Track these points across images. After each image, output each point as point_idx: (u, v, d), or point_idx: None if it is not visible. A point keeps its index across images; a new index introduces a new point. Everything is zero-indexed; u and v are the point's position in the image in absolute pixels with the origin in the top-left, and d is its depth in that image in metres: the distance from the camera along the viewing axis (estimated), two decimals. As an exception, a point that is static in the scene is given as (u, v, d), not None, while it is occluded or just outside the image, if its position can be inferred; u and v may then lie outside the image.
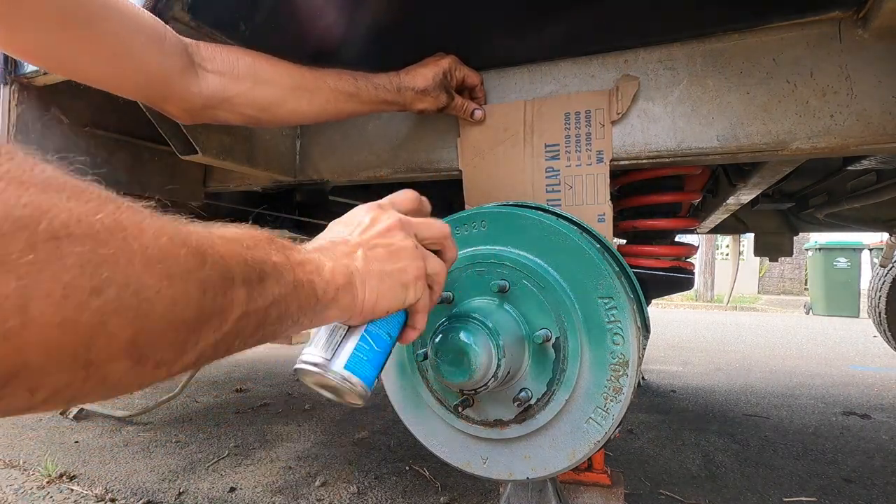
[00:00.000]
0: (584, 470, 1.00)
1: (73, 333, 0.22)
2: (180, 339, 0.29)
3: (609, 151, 0.86)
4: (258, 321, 0.35)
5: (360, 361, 0.50)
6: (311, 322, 0.43)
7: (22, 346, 0.21)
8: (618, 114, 0.85)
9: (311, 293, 0.41)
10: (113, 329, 0.24)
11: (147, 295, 0.25)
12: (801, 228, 2.15)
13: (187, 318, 0.28)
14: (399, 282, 0.50)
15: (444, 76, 0.86)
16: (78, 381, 0.24)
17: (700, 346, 4.13)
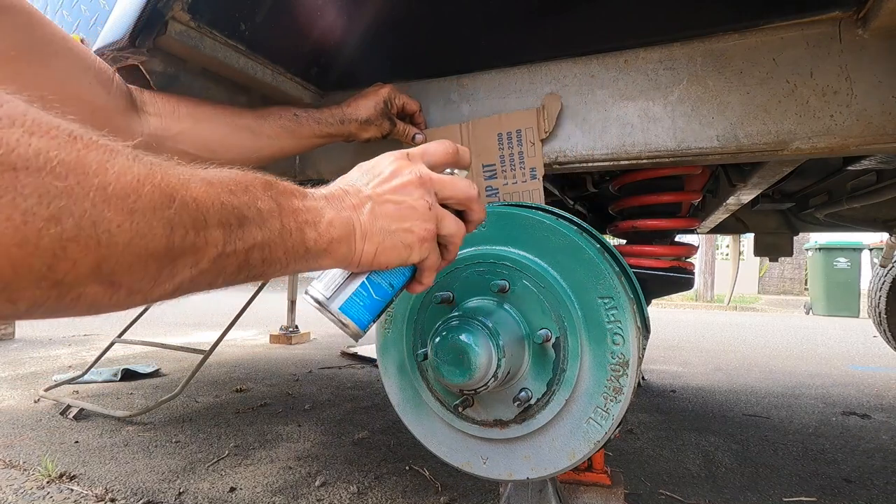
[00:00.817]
0: (584, 470, 1.00)
1: (34, 255, 0.25)
2: (151, 271, 0.31)
3: (541, 168, 0.90)
4: (239, 263, 0.37)
5: (356, 305, 0.52)
6: (304, 268, 0.45)
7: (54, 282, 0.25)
8: (545, 132, 0.88)
9: (300, 242, 0.42)
10: (73, 255, 0.27)
11: (107, 227, 0.28)
12: (801, 228, 2.15)
13: (155, 252, 0.31)
14: (402, 241, 0.50)
15: (385, 104, 0.90)
16: (52, 298, 0.27)
17: (700, 346, 4.13)
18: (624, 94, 0.85)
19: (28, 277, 0.26)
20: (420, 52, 0.96)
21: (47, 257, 0.26)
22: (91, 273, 0.28)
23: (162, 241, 0.31)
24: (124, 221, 0.29)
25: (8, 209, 0.24)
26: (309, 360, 3.04)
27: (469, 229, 0.58)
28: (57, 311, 0.29)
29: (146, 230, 0.30)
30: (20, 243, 0.25)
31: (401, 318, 0.82)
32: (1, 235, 0.24)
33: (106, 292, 0.30)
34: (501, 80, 0.93)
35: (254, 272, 0.40)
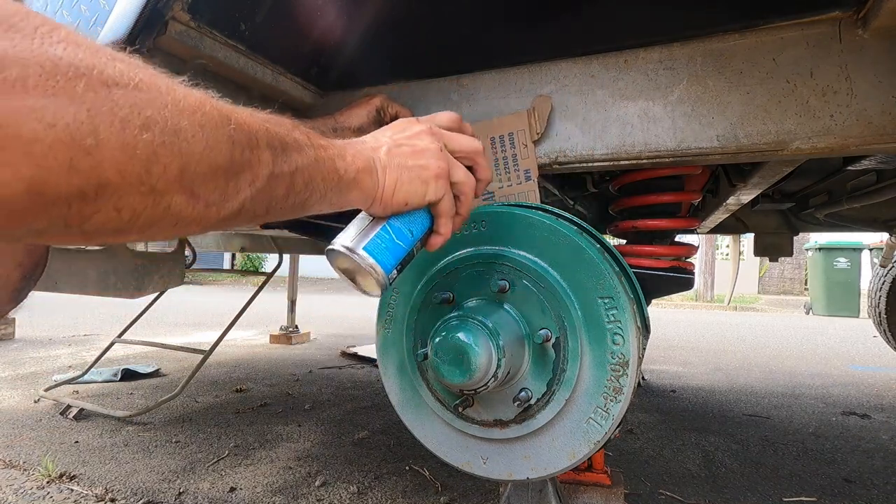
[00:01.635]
0: (584, 470, 1.00)
1: (133, 158, 0.29)
2: (220, 184, 0.36)
3: (535, 169, 0.90)
4: (287, 186, 0.42)
5: (379, 247, 0.55)
6: (337, 199, 0.49)
7: (100, 161, 0.28)
8: (537, 134, 0.88)
9: (333, 169, 0.47)
10: (163, 160, 0.31)
11: (185, 136, 0.32)
12: (801, 228, 2.15)
13: (222, 164, 0.35)
14: (418, 176, 0.54)
15: (378, 113, 0.91)
16: (149, 207, 0.31)
17: (700, 346, 4.13)
18: (624, 94, 0.85)
19: (130, 182, 0.30)
20: (420, 52, 0.96)
21: (143, 161, 0.30)
22: (176, 180, 0.32)
23: (226, 155, 0.35)
24: (197, 132, 0.33)
25: (109, 117, 0.28)
26: (309, 360, 3.04)
27: (478, 189, 0.63)
28: (151, 222, 0.32)
29: (214, 143, 0.34)
30: (122, 147, 0.29)
31: (401, 318, 0.82)
32: (106, 142, 0.28)
33: (188, 203, 0.34)
34: (501, 80, 0.93)
35: (299, 197, 0.44)
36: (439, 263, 0.79)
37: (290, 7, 0.81)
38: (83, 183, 0.28)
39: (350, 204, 0.52)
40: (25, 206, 0.27)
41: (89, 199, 0.29)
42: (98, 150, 0.28)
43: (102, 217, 0.30)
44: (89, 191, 0.28)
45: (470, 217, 0.78)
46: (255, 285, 3.46)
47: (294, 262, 3.63)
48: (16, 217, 0.27)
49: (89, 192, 0.28)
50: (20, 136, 0.25)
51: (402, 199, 0.54)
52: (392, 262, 0.56)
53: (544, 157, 0.90)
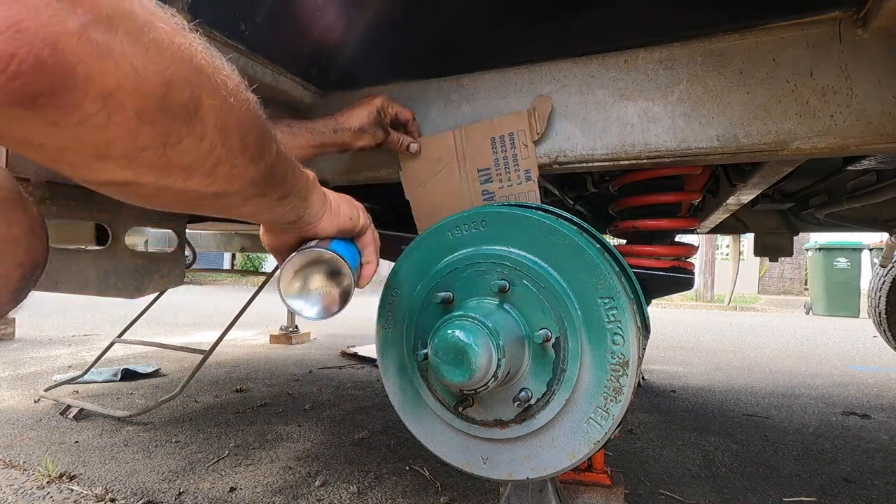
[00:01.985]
0: (584, 470, 1.00)
1: (217, 92, 0.38)
2: (261, 144, 0.45)
3: (535, 169, 0.90)
4: (283, 168, 0.50)
5: (339, 247, 0.63)
6: (305, 193, 0.57)
7: (201, 84, 0.36)
8: (537, 134, 0.88)
9: (300, 171, 0.56)
10: (238, 121, 0.41)
11: (237, 105, 0.41)
12: (801, 228, 2.15)
13: (259, 132, 0.45)
14: (352, 204, 0.68)
15: (378, 114, 0.91)
16: (217, 146, 0.39)
17: (700, 346, 4.13)
18: (624, 94, 0.85)
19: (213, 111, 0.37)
20: (420, 52, 0.96)
21: (221, 96, 0.38)
22: (236, 127, 0.41)
23: (260, 128, 0.45)
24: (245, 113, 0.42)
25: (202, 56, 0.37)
26: (309, 360, 3.04)
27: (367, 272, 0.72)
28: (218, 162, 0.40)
29: (258, 118, 0.45)
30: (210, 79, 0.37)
31: (401, 319, 0.82)
32: (203, 67, 0.36)
33: (241, 153, 0.42)
34: (501, 80, 0.93)
35: (290, 184, 0.53)
36: (439, 263, 0.79)
37: (290, 7, 0.81)
38: (190, 97, 0.34)
39: (315, 208, 0.60)
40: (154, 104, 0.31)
41: (190, 116, 0.35)
42: (199, 74, 0.36)
43: (189, 142, 0.36)
44: (192, 107, 0.35)
45: (470, 217, 0.78)
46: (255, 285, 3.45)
47: (294, 262, 3.62)
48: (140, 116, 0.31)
49: (191, 108, 0.35)
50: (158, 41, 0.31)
51: (346, 215, 0.65)
52: (352, 263, 0.63)
53: (544, 157, 0.90)
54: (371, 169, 1.07)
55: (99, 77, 0.27)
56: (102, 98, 0.28)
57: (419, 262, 0.82)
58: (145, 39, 0.30)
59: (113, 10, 0.28)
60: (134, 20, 0.30)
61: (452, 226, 0.79)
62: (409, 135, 0.97)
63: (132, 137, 0.31)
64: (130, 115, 0.30)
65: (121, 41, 0.28)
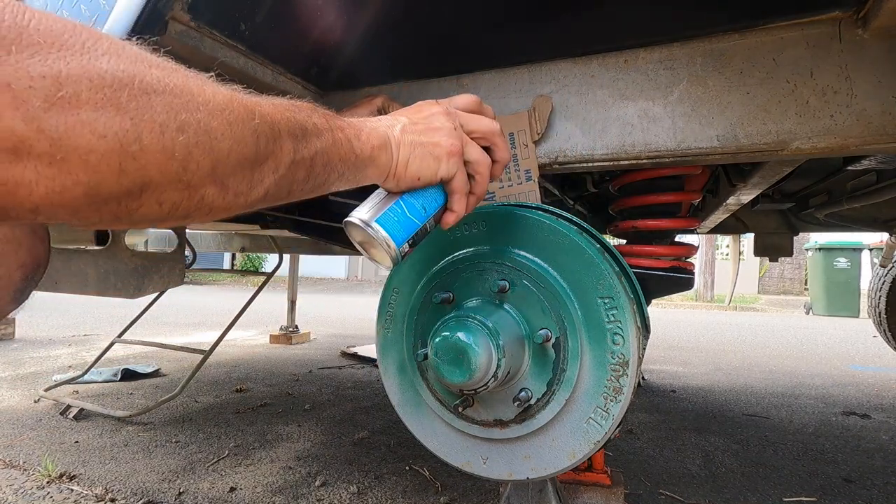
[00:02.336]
0: (584, 470, 1.00)
1: (172, 159, 0.33)
2: (247, 175, 0.39)
3: (536, 169, 0.90)
4: (307, 169, 0.45)
5: (390, 220, 0.58)
6: (354, 176, 0.52)
7: (144, 164, 0.31)
8: (538, 134, 0.87)
9: (350, 149, 0.50)
10: (197, 158, 0.34)
11: (215, 135, 0.35)
12: (801, 228, 2.15)
13: (248, 157, 0.38)
14: (431, 153, 0.57)
15: (379, 113, 0.91)
16: (185, 199, 0.35)
17: (700, 346, 4.13)
18: (624, 94, 0.85)
19: (169, 179, 0.33)
20: (420, 52, 0.96)
21: (181, 160, 0.33)
22: (209, 175, 0.35)
23: (252, 148, 0.38)
24: (226, 130, 0.36)
25: (149, 124, 0.31)
26: (309, 360, 3.04)
27: (495, 171, 0.64)
28: (188, 212, 0.36)
29: (241, 138, 0.37)
30: (162, 150, 0.32)
31: (401, 318, 0.82)
32: (148, 146, 0.31)
33: (219, 193, 0.37)
34: (501, 80, 0.93)
35: (318, 179, 0.47)
36: (439, 263, 0.79)
37: (290, 7, 0.81)
38: (130, 183, 0.32)
39: (367, 180, 0.54)
40: (83, 205, 0.31)
41: (135, 196, 0.32)
42: (142, 154, 0.31)
43: (146, 210, 0.34)
44: (135, 189, 0.32)
45: (470, 217, 0.78)
46: (255, 285, 3.46)
47: (294, 262, 3.63)
48: (75, 214, 0.31)
49: (135, 191, 0.32)
50: (78, 148, 0.29)
51: (414, 174, 0.56)
52: (404, 235, 0.59)
53: (545, 157, 0.90)
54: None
55: (15, 205, 0.28)
56: (32, 213, 0.29)
57: (419, 262, 0.82)
58: (60, 154, 0.28)
59: (17, 141, 0.27)
60: (44, 138, 0.28)
61: (453, 226, 0.79)
62: None
63: (78, 220, 0.32)
64: (66, 215, 0.31)
65: (34, 166, 0.28)
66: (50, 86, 0.27)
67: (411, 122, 0.57)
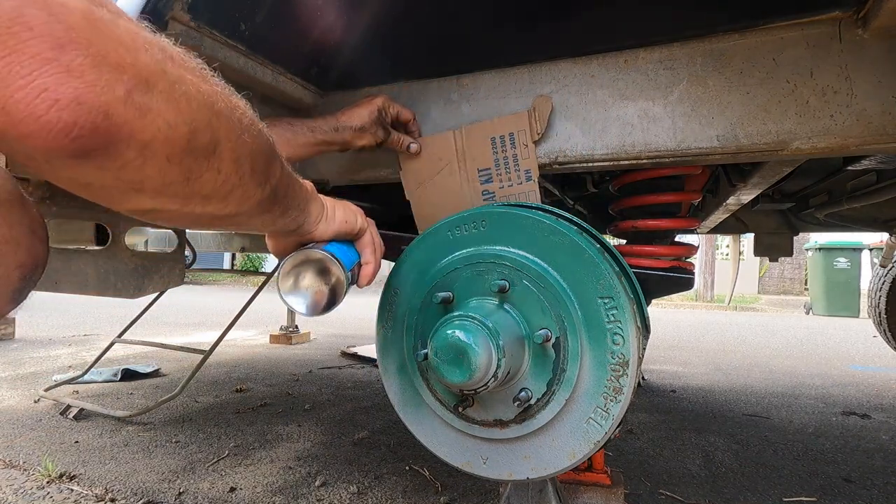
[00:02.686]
0: (584, 470, 1.00)
1: (233, 130, 0.42)
2: (267, 169, 0.50)
3: (536, 169, 0.90)
4: (286, 185, 0.55)
5: (332, 247, 0.67)
6: (307, 207, 0.63)
7: (219, 127, 0.41)
8: (538, 134, 0.87)
9: (299, 183, 0.61)
10: (244, 139, 0.44)
11: (249, 139, 0.45)
12: (801, 228, 2.15)
13: (268, 156, 0.49)
14: (349, 209, 0.71)
15: (379, 113, 0.92)
16: (233, 175, 0.44)
17: (700, 346, 4.13)
18: (624, 94, 0.85)
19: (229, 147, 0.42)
20: (420, 52, 0.96)
21: (237, 133, 0.43)
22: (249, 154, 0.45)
23: (267, 152, 0.49)
24: (255, 138, 0.46)
25: (221, 98, 0.42)
26: (309, 360, 3.04)
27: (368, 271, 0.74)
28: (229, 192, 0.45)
29: (265, 142, 0.49)
30: (228, 120, 0.42)
31: (401, 318, 0.82)
32: (221, 110, 0.41)
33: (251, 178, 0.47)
34: (501, 80, 0.93)
35: (291, 199, 0.58)
36: (439, 263, 0.79)
37: (290, 7, 0.81)
38: (211, 137, 0.40)
39: (311, 214, 0.64)
40: (181, 149, 0.37)
41: (209, 154, 0.40)
42: (219, 118, 0.40)
43: (208, 177, 0.41)
44: (211, 146, 0.40)
45: (470, 217, 0.78)
46: (255, 285, 3.46)
47: (294, 262, 3.62)
48: (173, 158, 0.37)
49: (211, 147, 0.40)
50: (186, 93, 0.37)
51: (342, 219, 0.69)
52: (347, 263, 0.66)
53: (545, 157, 0.90)
54: (371, 168, 1.07)
55: (139, 133, 0.34)
56: (140, 148, 0.34)
57: (419, 262, 0.82)
58: (176, 94, 0.36)
59: (150, 73, 0.34)
60: (167, 79, 0.35)
61: (452, 226, 0.79)
62: (410, 135, 0.97)
63: (162, 175, 0.37)
64: (161, 158, 0.36)
65: (157, 100, 0.34)
66: (164, 45, 0.37)
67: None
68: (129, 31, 0.34)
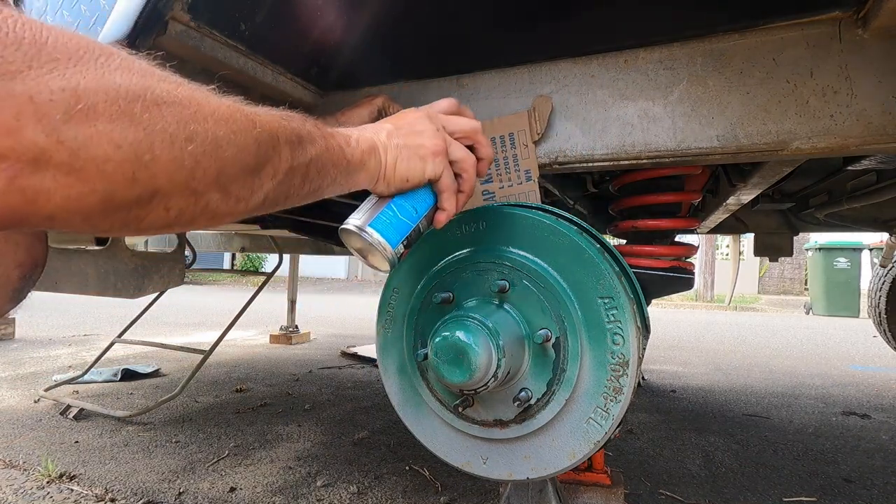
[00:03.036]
0: (584, 470, 1.00)
1: (181, 168, 0.34)
2: (249, 180, 0.41)
3: (536, 169, 0.90)
4: (303, 175, 0.47)
5: (383, 223, 0.60)
6: (346, 181, 0.54)
7: (155, 173, 0.33)
8: (538, 134, 0.88)
9: (341, 155, 0.52)
10: (204, 166, 0.36)
11: (221, 143, 0.37)
12: (801, 228, 2.15)
13: (250, 164, 0.40)
14: (417, 154, 0.60)
15: (379, 113, 0.91)
16: (191, 206, 0.37)
17: (700, 346, 4.13)
18: (624, 94, 0.85)
19: (177, 188, 0.35)
20: (420, 52, 0.96)
21: (189, 168, 0.35)
22: (214, 182, 0.37)
23: (253, 156, 0.40)
24: (231, 138, 0.38)
25: (161, 134, 0.32)
26: (309, 360, 3.04)
27: (481, 168, 0.67)
28: (193, 218, 0.37)
29: (243, 146, 0.39)
30: (172, 160, 0.33)
31: (401, 319, 0.82)
32: (160, 155, 0.33)
33: (223, 199, 0.39)
34: (501, 80, 0.93)
35: (313, 184, 0.49)
36: (439, 263, 0.79)
37: (290, 7, 0.81)
38: (142, 190, 0.33)
39: (358, 185, 0.56)
40: (96, 213, 0.32)
41: (144, 204, 0.34)
42: (154, 163, 0.33)
43: (154, 217, 0.35)
44: (145, 197, 0.33)
45: (470, 217, 0.78)
46: (255, 285, 3.46)
47: (294, 262, 3.63)
48: (87, 221, 0.32)
49: (145, 198, 0.33)
50: (95, 158, 0.30)
51: (402, 175, 0.59)
52: (398, 237, 0.61)
53: (545, 157, 0.90)
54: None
55: (34, 214, 0.30)
56: (46, 220, 0.31)
57: (419, 262, 0.82)
58: (79, 163, 0.30)
59: (39, 151, 0.28)
60: (66, 148, 0.29)
61: (452, 226, 0.79)
62: None
63: (92, 228, 0.34)
64: (78, 221, 0.32)
65: (51, 177, 0.29)
66: (69, 98, 0.29)
67: (395, 127, 0.60)
68: (17, 105, 0.27)
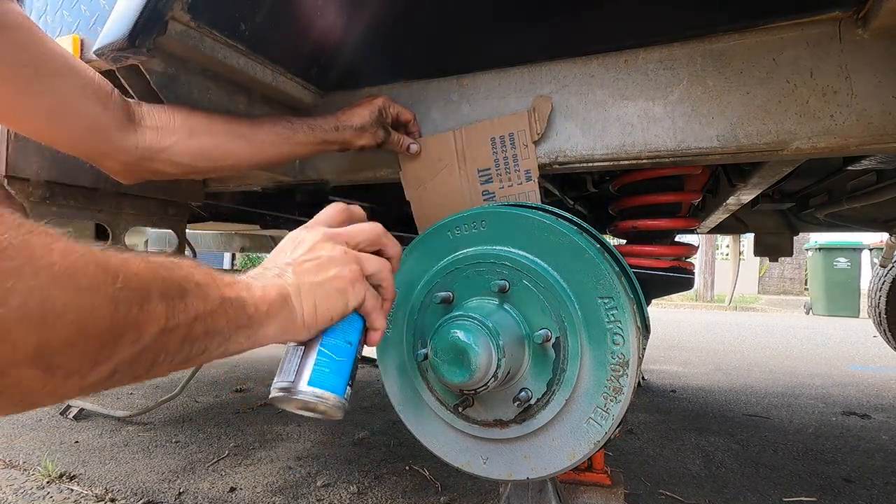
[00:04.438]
0: (584, 470, 0.99)
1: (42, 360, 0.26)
2: (91, 350, 0.31)
3: (535, 169, 0.90)
4: (182, 335, 0.38)
5: (324, 374, 0.52)
6: (249, 340, 0.46)
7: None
8: (538, 134, 0.88)
9: (241, 309, 0.44)
10: (17, 336, 0.27)
11: (53, 305, 0.28)
12: (801, 228, 2.15)
13: (99, 329, 0.31)
14: (334, 288, 0.53)
15: (380, 113, 0.91)
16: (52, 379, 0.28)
17: (700, 346, 4.13)
18: (624, 94, 0.85)
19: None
20: (420, 52, 0.96)
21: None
22: (32, 355, 0.28)
23: (107, 319, 0.31)
24: (71, 299, 0.29)
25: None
26: (309, 360, 3.04)
27: (393, 265, 0.62)
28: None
29: (90, 307, 0.30)
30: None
31: (401, 319, 0.82)
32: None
33: (41, 378, 0.29)
34: (501, 80, 0.93)
35: (196, 347, 0.40)
36: (439, 263, 0.79)
37: (290, 7, 0.81)
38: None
39: (266, 340, 0.48)
40: None
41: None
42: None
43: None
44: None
45: (470, 217, 0.78)
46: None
47: (294, 262, 3.62)
48: None
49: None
50: None
51: (325, 316, 0.53)
52: (342, 381, 0.54)
53: (545, 157, 0.90)
54: (371, 169, 1.07)
55: None
56: None
57: (419, 261, 0.82)
58: None
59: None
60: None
61: (452, 226, 0.79)
62: (410, 135, 0.97)
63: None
64: None
65: None
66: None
67: (298, 263, 0.53)
68: None
